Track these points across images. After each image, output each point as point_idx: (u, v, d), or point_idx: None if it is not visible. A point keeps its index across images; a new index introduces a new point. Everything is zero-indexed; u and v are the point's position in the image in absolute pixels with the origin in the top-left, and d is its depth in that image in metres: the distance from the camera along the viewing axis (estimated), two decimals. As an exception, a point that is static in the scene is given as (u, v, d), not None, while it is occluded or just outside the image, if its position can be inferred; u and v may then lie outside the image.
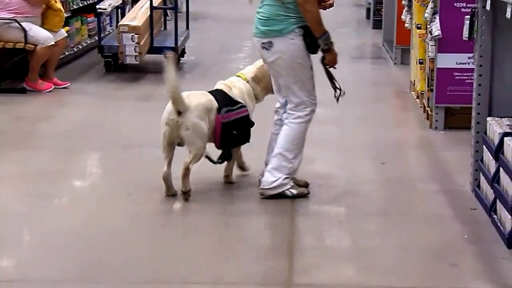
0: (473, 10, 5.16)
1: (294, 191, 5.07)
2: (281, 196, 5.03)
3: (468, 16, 5.20)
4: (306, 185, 5.26)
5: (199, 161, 5.08)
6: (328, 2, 5.14)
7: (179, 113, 4.94)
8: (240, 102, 5.20)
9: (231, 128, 5.13)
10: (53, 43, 8.22)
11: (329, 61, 4.99)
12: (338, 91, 5.08)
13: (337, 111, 7.52)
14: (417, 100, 7.70)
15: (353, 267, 4.20)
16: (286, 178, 5.04)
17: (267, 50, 4.98)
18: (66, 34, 8.73)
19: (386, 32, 10.86)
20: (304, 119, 5.06)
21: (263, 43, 4.97)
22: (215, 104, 5.09)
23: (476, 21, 5.09)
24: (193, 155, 5.03)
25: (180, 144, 5.03)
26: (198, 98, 5.06)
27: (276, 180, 5.03)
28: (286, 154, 5.03)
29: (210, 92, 5.20)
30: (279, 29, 4.93)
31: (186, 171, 5.01)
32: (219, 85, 5.30)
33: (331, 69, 5.06)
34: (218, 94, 5.18)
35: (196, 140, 5.00)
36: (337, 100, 5.10)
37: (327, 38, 4.92)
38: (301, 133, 5.07)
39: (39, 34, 8.18)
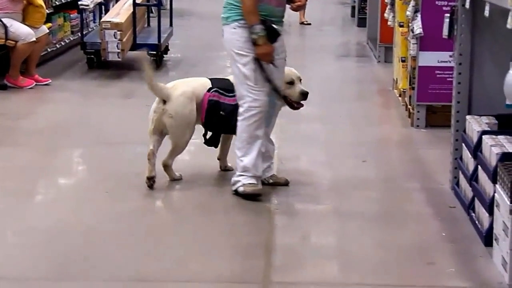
0: (453, 8, 5.16)
1: (243, 189, 4.97)
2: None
3: (448, 14, 5.21)
4: (286, 183, 5.26)
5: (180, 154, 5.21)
6: (296, 3, 5.13)
7: (164, 101, 5.10)
8: None
9: (219, 108, 5.15)
10: (34, 39, 8.18)
11: (258, 55, 4.90)
12: (277, 93, 5.02)
13: (321, 109, 7.53)
14: (400, 98, 7.71)
15: (331, 265, 4.18)
16: (239, 175, 5.01)
17: (223, 38, 5.02)
18: (47, 31, 8.70)
19: (370, 30, 10.89)
20: (243, 116, 4.96)
21: (222, 30, 5.03)
22: (207, 86, 5.20)
23: (455, 19, 5.09)
24: (173, 147, 5.17)
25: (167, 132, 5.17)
26: (184, 86, 5.16)
27: (233, 177, 5.06)
28: (237, 152, 5.02)
29: (216, 78, 5.33)
30: (226, 17, 4.97)
31: (165, 167, 5.22)
32: (229, 77, 5.39)
33: (272, 68, 4.94)
34: (220, 80, 5.30)
35: (177, 130, 5.11)
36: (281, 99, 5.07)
37: (256, 31, 4.84)
38: (243, 132, 4.95)
39: (20, 30, 8.14)
